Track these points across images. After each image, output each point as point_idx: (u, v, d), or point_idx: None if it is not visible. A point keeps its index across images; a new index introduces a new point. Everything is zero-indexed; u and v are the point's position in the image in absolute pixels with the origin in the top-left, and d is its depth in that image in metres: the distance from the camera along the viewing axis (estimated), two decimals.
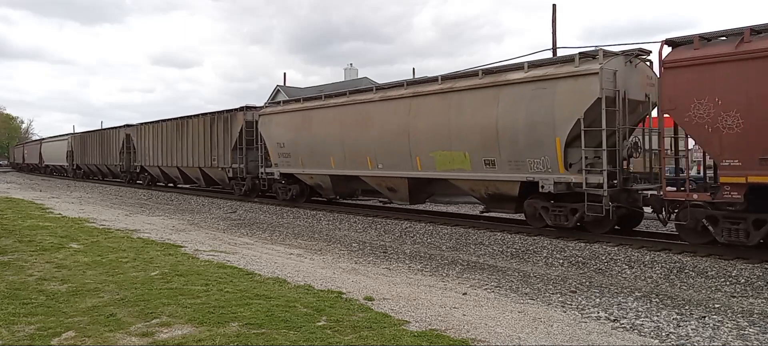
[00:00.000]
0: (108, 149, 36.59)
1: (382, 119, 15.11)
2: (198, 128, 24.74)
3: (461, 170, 13.15)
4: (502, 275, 8.64)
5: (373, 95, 15.79)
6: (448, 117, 13.30)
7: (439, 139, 13.52)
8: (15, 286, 7.09)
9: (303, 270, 8.58)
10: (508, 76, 12.38)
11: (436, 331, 5.47)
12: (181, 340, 5.09)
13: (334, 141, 16.72)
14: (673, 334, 5.74)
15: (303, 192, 19.32)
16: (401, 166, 14.62)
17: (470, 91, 12.95)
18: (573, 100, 11.04)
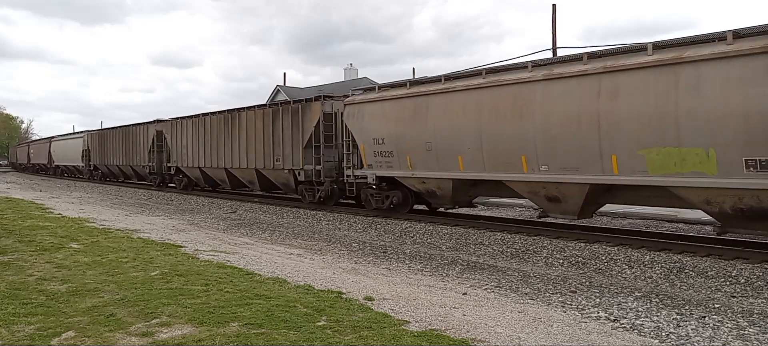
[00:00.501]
0: (134, 148, 32.11)
1: (548, 105, 11.14)
2: (255, 123, 20.72)
3: (698, 175, 9.32)
4: (502, 275, 8.64)
5: (532, 73, 11.65)
6: (672, 100, 9.38)
7: (654, 131, 9.64)
8: (15, 286, 7.09)
9: (303, 270, 8.58)
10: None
11: (436, 331, 5.47)
12: (181, 340, 5.09)
13: (466, 135, 12.72)
14: (673, 334, 5.74)
15: (406, 200, 15.52)
16: (582, 168, 10.78)
17: (717, 62, 8.98)
18: None
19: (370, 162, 15.65)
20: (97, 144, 38.80)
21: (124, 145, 33.76)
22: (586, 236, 11.58)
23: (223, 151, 22.88)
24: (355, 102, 16.16)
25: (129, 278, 7.62)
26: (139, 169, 31.83)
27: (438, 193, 14.30)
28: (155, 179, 29.94)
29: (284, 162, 19.09)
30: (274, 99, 40.41)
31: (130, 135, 32.75)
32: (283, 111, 19.29)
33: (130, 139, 32.69)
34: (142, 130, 30.97)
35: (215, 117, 23.72)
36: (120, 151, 34.39)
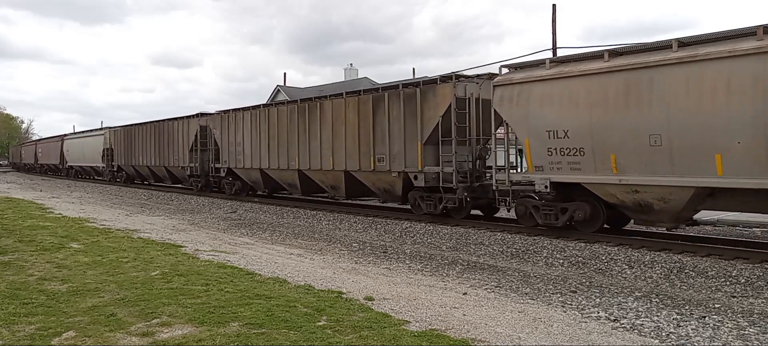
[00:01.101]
0: (171, 146, 27.51)
1: None
2: (345, 113, 16.68)
3: None
4: (502, 275, 8.64)
5: None
6: None
7: None
8: (15, 286, 7.09)
9: (303, 270, 8.58)
10: None
11: (436, 331, 5.47)
12: (181, 340, 5.09)
13: (732, 123, 9.03)
14: (673, 334, 5.74)
15: (597, 215, 11.55)
16: None
17: None
18: None
19: (539, 163, 11.74)
20: (122, 142, 34.02)
21: (156, 143, 29.22)
22: (586, 236, 11.58)
23: (297, 149, 18.62)
24: (513, 81, 12.11)
25: (129, 277, 7.62)
26: (176, 171, 27.53)
27: (657, 207, 10.43)
28: (197, 182, 25.48)
29: (391, 163, 15.21)
30: (274, 99, 40.42)
31: (166, 131, 28.20)
32: (390, 97, 15.24)
33: (166, 136, 28.17)
34: (182, 126, 26.57)
35: (285, 108, 19.49)
36: (151, 150, 29.87)
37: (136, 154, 31.97)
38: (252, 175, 21.65)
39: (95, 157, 38.25)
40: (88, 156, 40.00)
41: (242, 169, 22.01)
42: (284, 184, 20.27)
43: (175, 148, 27.24)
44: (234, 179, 23.01)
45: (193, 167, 25.51)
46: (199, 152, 24.94)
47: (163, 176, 29.85)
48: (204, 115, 25.25)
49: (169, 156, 27.86)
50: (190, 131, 25.82)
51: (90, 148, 39.27)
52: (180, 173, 27.28)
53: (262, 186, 21.64)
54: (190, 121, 26.04)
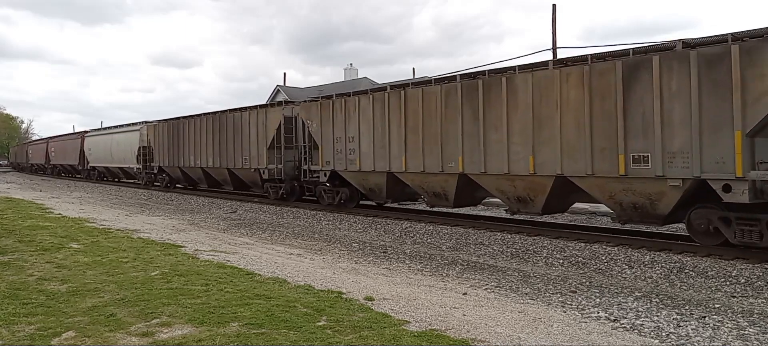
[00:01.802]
0: (239, 143, 21.88)
1: None
2: (562, 91, 11.19)
3: None
4: (502, 275, 8.64)
5: None
6: None
7: None
8: (15, 286, 7.09)
9: (303, 270, 8.58)
10: None
11: (436, 331, 5.47)
12: (181, 340, 5.09)
13: None
14: (673, 334, 5.74)
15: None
16: None
17: None
18: None
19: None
20: (165, 139, 28.05)
21: (217, 139, 23.51)
22: (586, 236, 11.58)
23: (460, 145, 13.18)
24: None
25: (129, 278, 7.62)
26: (245, 175, 22.06)
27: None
28: (276, 188, 20.11)
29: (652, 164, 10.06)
30: (274, 99, 40.43)
31: (230, 125, 22.58)
32: (608, 74, 10.58)
33: (230, 130, 22.55)
34: (257, 118, 20.96)
35: (436, 89, 13.86)
36: (207, 148, 24.17)
37: (184, 154, 26.17)
38: (371, 180, 16.27)
39: (127, 158, 32.34)
40: (117, 156, 33.73)
41: (356, 173, 16.53)
42: (427, 192, 14.86)
43: (245, 145, 21.54)
44: (339, 184, 17.63)
45: (273, 170, 20.01)
46: (283, 149, 19.49)
47: (222, 180, 24.23)
48: (290, 104, 20.39)
49: (236, 156, 22.11)
50: (269, 124, 20.23)
51: (120, 147, 33.08)
52: (250, 177, 21.66)
53: (383, 195, 16.15)
54: (269, 112, 20.48)
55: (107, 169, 37.10)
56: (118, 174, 36.16)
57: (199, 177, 26.19)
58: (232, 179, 23.51)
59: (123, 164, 33.56)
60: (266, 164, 20.45)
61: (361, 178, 16.58)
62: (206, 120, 24.65)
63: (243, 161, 21.84)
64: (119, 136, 33.79)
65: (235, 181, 23.46)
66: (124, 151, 32.96)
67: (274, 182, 20.44)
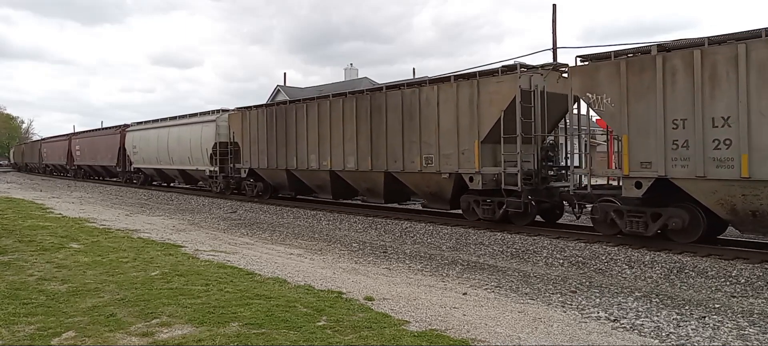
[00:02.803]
0: (413, 133, 14.72)
1: None
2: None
3: None
4: (502, 275, 8.64)
5: None
6: None
7: None
8: (15, 286, 7.09)
9: (303, 270, 8.58)
10: None
11: (436, 331, 5.47)
12: (181, 340, 5.09)
13: None
14: (673, 334, 5.74)
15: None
16: None
17: None
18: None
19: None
20: (263, 131, 20.52)
21: (367, 128, 15.99)
22: (586, 236, 11.58)
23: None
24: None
25: (129, 278, 7.62)
26: (424, 183, 14.71)
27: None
28: (516, 204, 12.63)
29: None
30: (274, 99, 40.41)
31: (399, 105, 15.07)
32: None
33: (397, 113, 15.10)
34: (458, 93, 13.57)
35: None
36: (347, 143, 16.71)
37: (299, 152, 18.73)
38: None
39: (193, 157, 25.02)
40: (178, 155, 26.27)
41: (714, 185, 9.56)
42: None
43: (425, 136, 14.32)
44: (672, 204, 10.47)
45: (504, 177, 12.66)
46: (519, 144, 12.40)
47: (369, 188, 16.60)
48: (529, 71, 12.80)
49: (407, 153, 14.86)
50: (485, 103, 12.95)
51: (183, 144, 25.69)
52: (434, 186, 14.40)
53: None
54: (490, 83, 12.88)
55: (160, 173, 29.27)
56: (174, 178, 28.90)
57: (321, 184, 18.42)
58: (388, 189, 15.98)
59: (187, 166, 25.81)
60: (481, 167, 13.20)
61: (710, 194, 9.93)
62: (346, 102, 16.84)
63: (425, 161, 14.43)
64: (183, 129, 25.99)
65: (401, 192, 16.20)
66: (188, 150, 25.34)
67: (512, 195, 12.75)
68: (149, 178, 31.43)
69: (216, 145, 23.20)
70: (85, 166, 40.29)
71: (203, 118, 24.85)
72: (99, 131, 39.04)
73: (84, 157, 39.83)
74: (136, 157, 31.09)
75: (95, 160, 37.76)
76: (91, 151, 38.59)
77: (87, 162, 39.46)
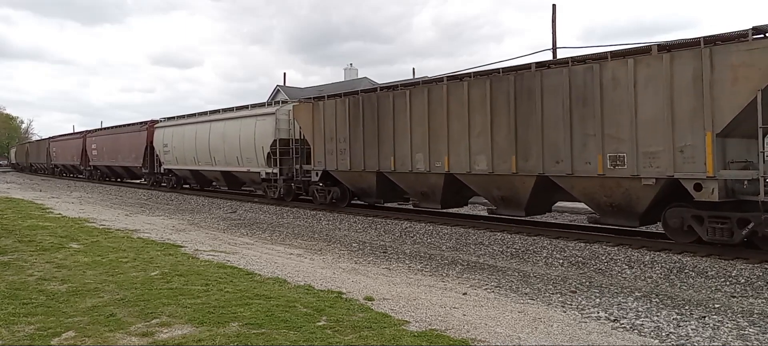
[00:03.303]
0: (594, 121, 10.72)
1: None
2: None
3: None
4: (502, 275, 8.64)
5: None
6: None
7: None
8: (15, 286, 7.09)
9: (303, 270, 8.58)
10: None
11: (436, 331, 5.47)
12: (181, 340, 5.09)
13: None
14: (673, 334, 5.74)
15: None
16: None
17: None
18: None
19: None
20: (346, 127, 16.54)
21: (502, 121, 12.41)
22: (586, 236, 11.58)
23: None
24: None
25: (129, 278, 7.62)
26: (595, 194, 11.16)
27: None
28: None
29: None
30: (274, 98, 40.42)
31: (564, 84, 11.28)
32: None
33: (558, 97, 11.41)
34: (668, 65, 9.87)
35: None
36: (480, 137, 12.90)
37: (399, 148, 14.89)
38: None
39: (243, 157, 21.33)
40: (222, 155, 22.65)
41: None
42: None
43: (611, 127, 10.69)
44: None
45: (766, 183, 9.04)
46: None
47: (511, 195, 12.70)
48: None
49: (577, 151, 11.19)
50: (725, 81, 9.36)
51: (230, 142, 21.94)
52: (621, 195, 10.81)
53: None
54: (732, 52, 9.25)
55: (196, 175, 25.83)
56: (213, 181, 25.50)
57: (428, 191, 14.57)
58: (536, 197, 12.36)
59: (235, 167, 22.13)
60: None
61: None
62: (472, 87, 13.08)
63: (607, 162, 10.71)
64: (231, 124, 22.20)
65: (543, 199, 12.72)
66: (237, 148, 21.57)
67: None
68: (181, 180, 27.80)
69: (275, 143, 19.53)
70: (103, 166, 36.60)
71: (259, 111, 21.11)
72: (122, 128, 34.16)
73: (102, 156, 35.90)
74: (167, 156, 27.29)
75: (115, 161, 33.97)
76: (111, 151, 34.41)
77: (105, 162, 35.57)
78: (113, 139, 34.27)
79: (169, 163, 27.34)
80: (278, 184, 19.90)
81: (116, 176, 36.44)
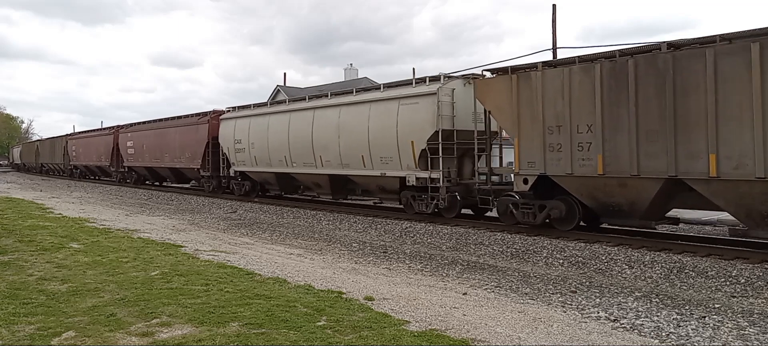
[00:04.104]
0: None
1: None
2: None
3: None
4: (502, 275, 8.64)
5: None
6: None
7: None
8: (15, 286, 7.09)
9: (303, 270, 8.58)
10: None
11: (436, 331, 5.47)
12: (181, 340, 5.09)
13: None
14: (673, 334, 5.74)
15: None
16: None
17: None
18: None
19: None
20: (592, 107, 10.93)
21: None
22: (586, 236, 11.57)
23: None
24: None
25: (129, 277, 7.62)
26: None
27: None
28: None
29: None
30: (274, 99, 40.39)
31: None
32: None
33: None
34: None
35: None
36: None
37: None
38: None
39: (374, 157, 15.70)
40: (333, 153, 17.03)
41: None
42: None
43: None
44: None
45: None
46: None
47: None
48: None
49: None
50: None
51: (350, 136, 16.36)
52: None
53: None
54: None
55: (282, 178, 19.98)
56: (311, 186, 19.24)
57: None
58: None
59: (358, 170, 16.22)
60: None
61: None
62: None
63: None
64: (354, 111, 16.35)
65: None
66: (363, 144, 15.84)
67: None
68: (259, 185, 22.07)
69: (435, 136, 13.85)
70: (141, 168, 30.78)
71: (407, 92, 14.86)
72: (171, 121, 27.77)
73: (141, 156, 30.18)
74: (240, 156, 21.56)
75: (160, 161, 27.97)
76: (154, 149, 28.44)
77: (146, 163, 29.60)
78: (159, 134, 28.17)
79: (243, 164, 21.60)
80: (439, 193, 14.03)
81: (159, 179, 30.70)
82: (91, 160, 38.00)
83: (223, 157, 23.09)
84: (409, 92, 14.86)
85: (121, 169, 33.36)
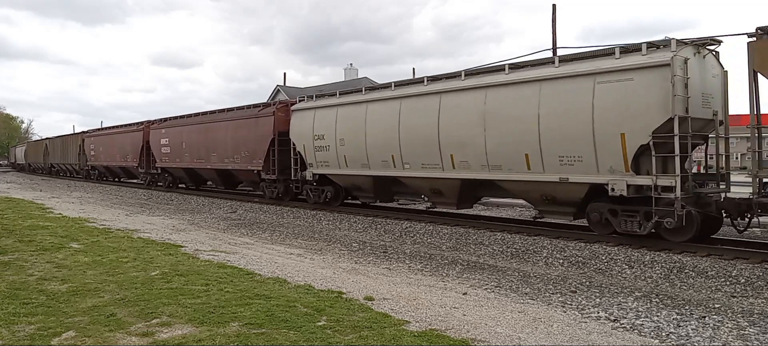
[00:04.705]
0: None
1: None
2: None
3: None
4: (502, 275, 8.64)
5: None
6: None
7: None
8: (15, 286, 7.09)
9: (303, 270, 8.58)
10: None
11: (436, 331, 5.47)
12: (181, 340, 5.09)
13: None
14: (673, 334, 5.74)
15: None
16: None
17: None
18: None
19: None
20: None
21: None
22: (586, 236, 11.57)
23: None
24: None
25: (129, 277, 7.62)
26: None
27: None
28: None
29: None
30: (274, 99, 40.41)
31: None
32: None
33: None
34: None
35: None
36: None
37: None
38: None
39: (551, 157, 11.28)
40: (477, 149, 12.57)
41: None
42: None
43: None
44: None
45: None
46: None
47: None
48: None
49: None
50: None
51: (504, 127, 11.95)
52: None
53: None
54: None
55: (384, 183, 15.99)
56: (435, 192, 14.53)
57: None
58: None
59: (515, 175, 12.11)
60: None
61: None
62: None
63: None
64: (508, 93, 12.05)
65: None
66: (533, 138, 11.52)
67: None
68: (343, 190, 17.74)
69: (668, 124, 9.73)
70: (178, 169, 26.16)
71: (607, 64, 10.51)
72: (220, 115, 23.28)
73: (179, 156, 25.46)
74: (321, 155, 17.23)
75: (205, 162, 23.32)
76: (197, 148, 23.94)
77: (186, 163, 24.97)
78: (203, 130, 23.70)
79: (325, 165, 17.32)
80: (675, 207, 9.81)
81: (201, 182, 26.45)
82: (114, 160, 32.86)
83: (298, 157, 18.54)
84: (614, 65, 10.38)
85: (153, 170, 28.46)
